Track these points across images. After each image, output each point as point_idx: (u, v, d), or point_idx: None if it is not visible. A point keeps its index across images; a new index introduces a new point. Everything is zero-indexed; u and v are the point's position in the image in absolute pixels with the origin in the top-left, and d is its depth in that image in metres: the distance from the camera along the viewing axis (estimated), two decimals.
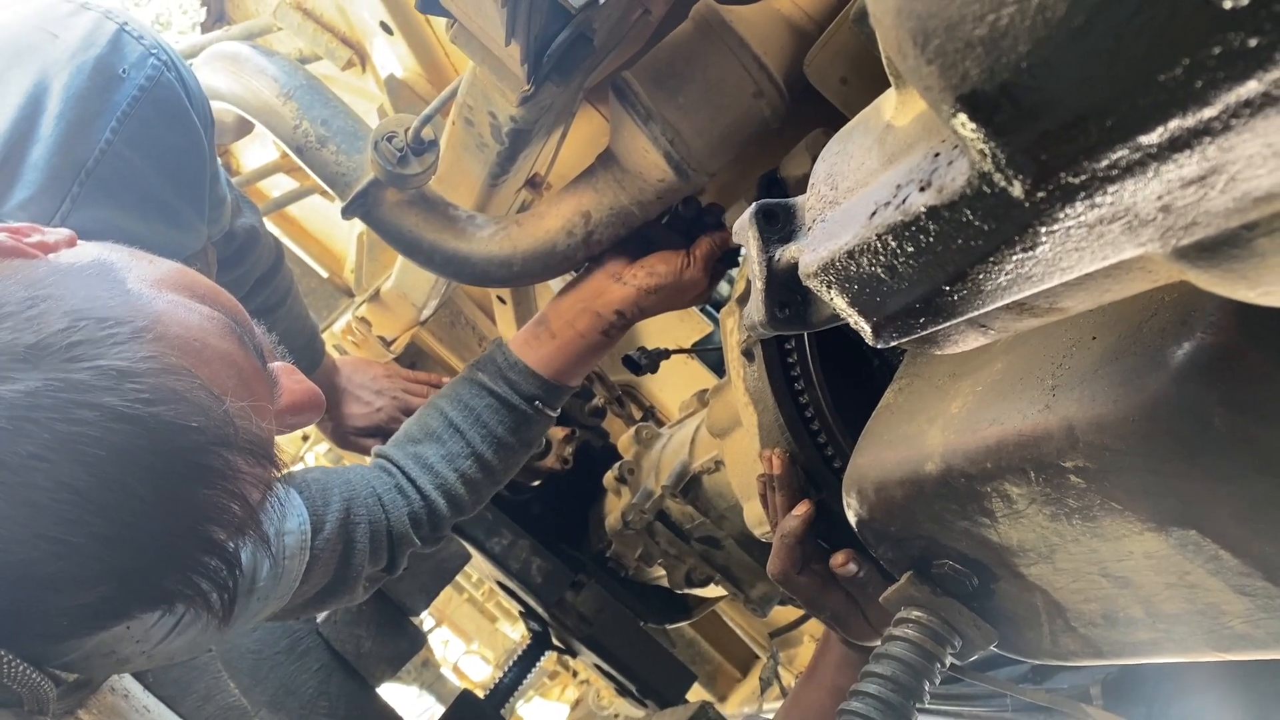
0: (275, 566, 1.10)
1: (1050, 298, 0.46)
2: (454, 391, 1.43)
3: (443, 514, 1.38)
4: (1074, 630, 0.78)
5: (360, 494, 1.31)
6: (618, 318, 1.42)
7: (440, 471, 1.38)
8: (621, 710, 2.89)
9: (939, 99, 0.38)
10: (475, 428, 1.39)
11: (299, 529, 1.16)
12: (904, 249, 0.47)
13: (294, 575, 1.13)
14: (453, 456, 1.38)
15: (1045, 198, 0.38)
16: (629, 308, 1.41)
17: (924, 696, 0.83)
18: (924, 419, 0.81)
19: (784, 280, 0.67)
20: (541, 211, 1.37)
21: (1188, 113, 0.32)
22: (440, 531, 1.40)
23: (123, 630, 0.93)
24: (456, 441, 1.39)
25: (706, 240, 1.41)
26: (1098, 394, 0.61)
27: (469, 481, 1.39)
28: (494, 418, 1.40)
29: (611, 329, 1.42)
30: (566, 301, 1.44)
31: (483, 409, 1.40)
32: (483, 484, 1.42)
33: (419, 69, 1.79)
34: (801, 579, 1.05)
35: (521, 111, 1.18)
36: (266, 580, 1.09)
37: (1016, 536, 0.73)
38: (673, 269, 1.40)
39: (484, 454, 1.39)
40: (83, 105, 0.99)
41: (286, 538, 1.13)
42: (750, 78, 1.21)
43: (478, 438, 1.39)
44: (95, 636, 0.84)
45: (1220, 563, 0.60)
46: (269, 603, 1.10)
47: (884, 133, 0.54)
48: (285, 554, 1.12)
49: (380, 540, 1.32)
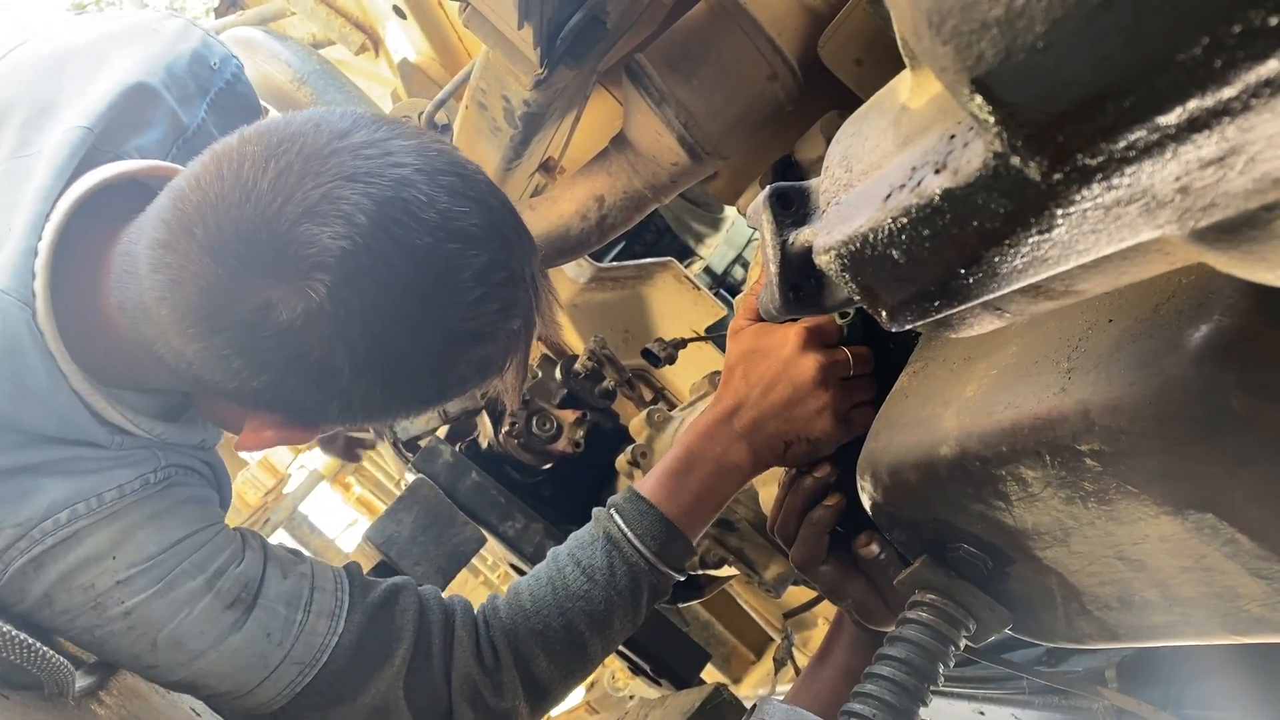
0: (293, 597, 1.09)
1: (1066, 280, 0.46)
2: None
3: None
4: (1089, 613, 0.78)
5: (427, 594, 1.22)
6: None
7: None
8: (637, 690, 2.91)
9: (954, 81, 0.38)
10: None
11: (335, 589, 1.14)
12: (919, 232, 0.47)
13: (319, 642, 1.10)
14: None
15: (1062, 180, 0.38)
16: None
17: (938, 679, 0.83)
18: (939, 402, 0.81)
19: (798, 264, 0.66)
20: (555, 195, 1.37)
21: (1207, 93, 0.32)
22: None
23: (109, 562, 1.00)
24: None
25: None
26: (1114, 377, 0.60)
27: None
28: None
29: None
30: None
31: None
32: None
33: (432, 53, 1.79)
34: (824, 568, 1.06)
35: (535, 95, 1.18)
36: (276, 602, 1.08)
37: (1031, 520, 0.72)
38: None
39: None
40: (185, 85, 1.15)
41: (317, 592, 1.11)
42: (764, 60, 1.20)
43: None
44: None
45: (1237, 546, 0.60)
46: (282, 648, 1.08)
47: (899, 115, 0.54)
48: (311, 605, 1.10)
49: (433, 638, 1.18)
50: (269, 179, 0.86)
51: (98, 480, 1.01)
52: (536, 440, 2.14)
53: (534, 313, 1.01)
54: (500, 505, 2.14)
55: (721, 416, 1.16)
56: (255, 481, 5.91)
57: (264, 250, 0.86)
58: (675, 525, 1.17)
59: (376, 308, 0.87)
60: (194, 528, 1.06)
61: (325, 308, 0.86)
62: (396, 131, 0.93)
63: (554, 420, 2.15)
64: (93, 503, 1.00)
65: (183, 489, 1.08)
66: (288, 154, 0.87)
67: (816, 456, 1.13)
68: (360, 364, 0.90)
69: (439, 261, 0.89)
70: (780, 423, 1.12)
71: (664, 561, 1.17)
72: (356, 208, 0.86)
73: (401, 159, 0.89)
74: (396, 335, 0.90)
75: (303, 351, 0.88)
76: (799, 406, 1.11)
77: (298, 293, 0.86)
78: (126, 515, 1.02)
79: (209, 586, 1.04)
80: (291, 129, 0.90)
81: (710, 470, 1.16)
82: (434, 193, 0.89)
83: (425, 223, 0.88)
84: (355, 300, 0.86)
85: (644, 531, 1.17)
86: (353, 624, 1.12)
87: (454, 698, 1.16)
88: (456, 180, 0.92)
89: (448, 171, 0.92)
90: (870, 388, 1.12)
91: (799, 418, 1.11)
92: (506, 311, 0.95)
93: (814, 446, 1.12)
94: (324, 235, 0.85)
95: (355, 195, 0.86)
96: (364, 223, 0.85)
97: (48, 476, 0.98)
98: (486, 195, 0.95)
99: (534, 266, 1.00)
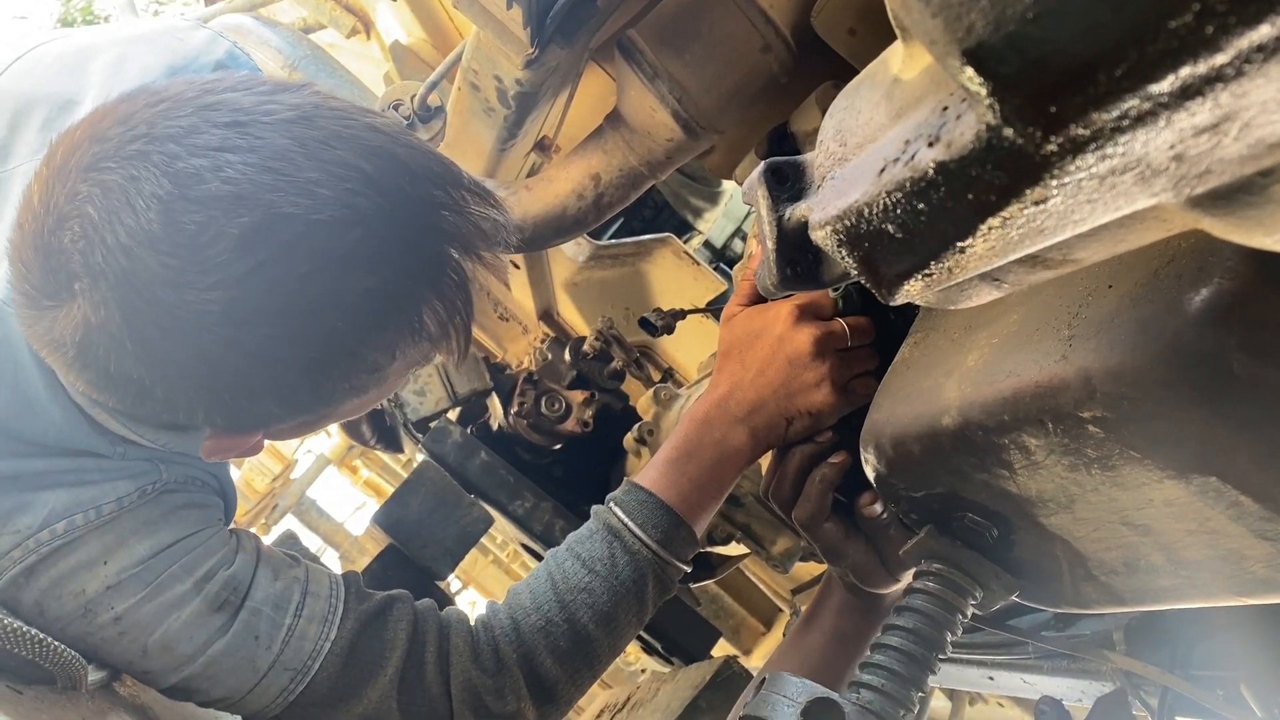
0: (283, 600, 1.08)
1: (1063, 250, 0.46)
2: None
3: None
4: (1095, 579, 0.78)
5: (422, 607, 1.20)
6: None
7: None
8: (649, 665, 2.93)
9: (945, 53, 0.37)
10: None
11: (329, 595, 1.12)
12: (914, 206, 0.47)
13: (310, 648, 1.08)
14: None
15: (1055, 150, 0.37)
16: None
17: (946, 648, 0.84)
18: (940, 373, 0.81)
19: (794, 239, 0.66)
20: (551, 175, 1.37)
21: (1199, 59, 0.32)
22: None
23: (100, 568, 1.00)
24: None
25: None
26: (1115, 343, 0.60)
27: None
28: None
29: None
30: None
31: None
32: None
33: (424, 34, 1.78)
34: (827, 525, 1.06)
35: (527, 75, 1.17)
36: (264, 605, 1.07)
37: (1036, 487, 0.72)
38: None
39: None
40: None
41: (309, 597, 1.10)
42: (757, 32, 1.19)
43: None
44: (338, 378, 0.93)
45: (1241, 509, 0.60)
46: (270, 651, 1.06)
47: (891, 86, 0.53)
48: (301, 609, 1.09)
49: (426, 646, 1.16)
50: (39, 196, 0.84)
51: (97, 492, 1.01)
52: (545, 421, 2.14)
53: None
54: (509, 484, 2.15)
55: (718, 401, 1.14)
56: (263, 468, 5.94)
57: (37, 275, 0.83)
58: (677, 513, 1.14)
59: (133, 306, 0.81)
60: (187, 532, 1.06)
61: (90, 317, 0.82)
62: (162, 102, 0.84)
63: (563, 401, 2.16)
64: (90, 514, 1.00)
65: (179, 495, 1.08)
66: (50, 161, 0.84)
67: (818, 429, 1.12)
68: (153, 366, 0.84)
69: (177, 236, 0.81)
70: (780, 400, 1.10)
71: (668, 550, 1.14)
72: (87, 201, 0.81)
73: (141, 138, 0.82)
74: (158, 331, 0.83)
75: (105, 366, 0.84)
76: (796, 381, 1.09)
77: (66, 309, 0.83)
78: (121, 524, 1.02)
79: (197, 590, 1.03)
80: (69, 133, 0.86)
81: (710, 457, 1.14)
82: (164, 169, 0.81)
83: (142, 208, 0.80)
84: (112, 299, 0.81)
85: (644, 520, 1.14)
86: (345, 630, 1.10)
87: (455, 706, 1.14)
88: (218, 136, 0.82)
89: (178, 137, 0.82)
90: (871, 357, 1.11)
91: (798, 392, 1.09)
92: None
93: (816, 420, 1.10)
94: (65, 239, 0.81)
95: (87, 188, 0.81)
96: (94, 216, 0.80)
97: (48, 489, 0.99)
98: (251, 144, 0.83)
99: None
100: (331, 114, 0.87)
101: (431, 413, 2.26)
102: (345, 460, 5.66)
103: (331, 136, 0.85)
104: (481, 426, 2.31)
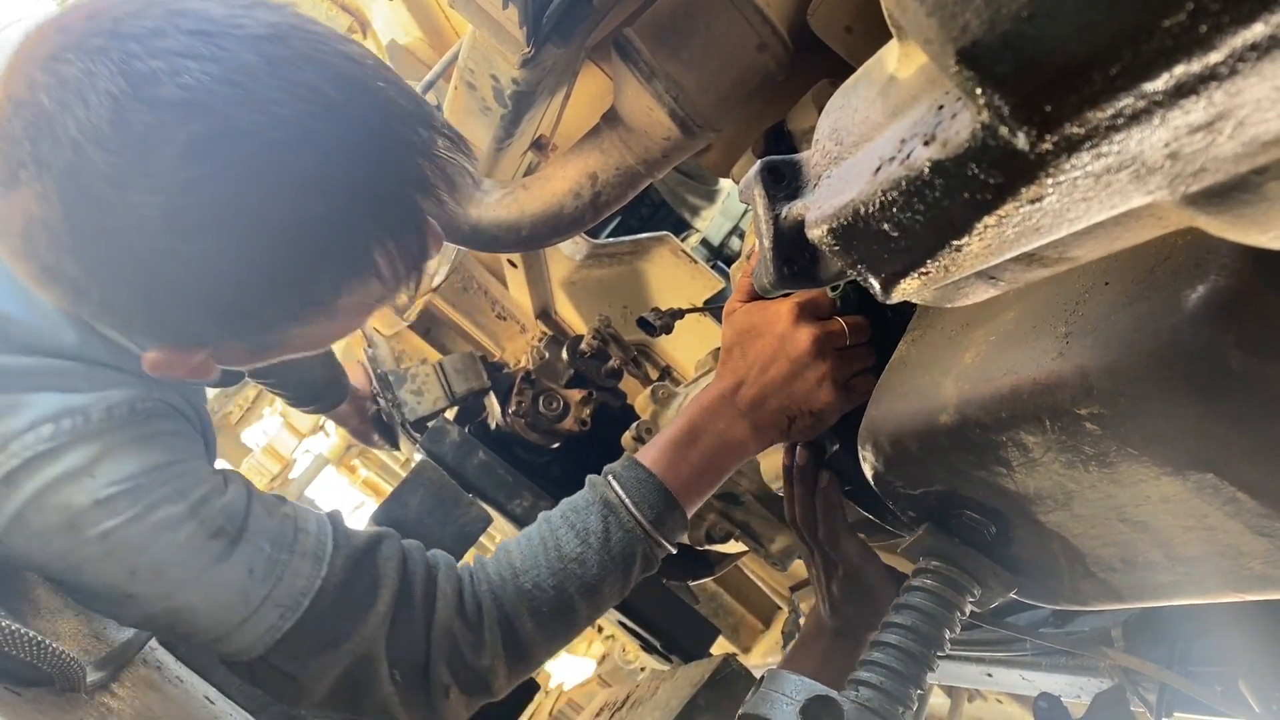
0: (278, 535, 1.05)
1: (1059, 248, 0.46)
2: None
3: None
4: (1093, 575, 0.78)
5: (410, 546, 1.17)
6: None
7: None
8: (648, 664, 2.93)
9: (940, 52, 0.38)
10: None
11: (318, 532, 1.09)
12: (909, 204, 0.47)
13: (302, 585, 1.05)
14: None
15: (1050, 149, 0.37)
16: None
17: (945, 645, 0.84)
18: (938, 370, 0.81)
19: (791, 238, 0.66)
20: (548, 174, 1.37)
21: (1193, 58, 0.32)
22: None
23: (87, 480, 0.96)
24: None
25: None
26: (1112, 340, 0.60)
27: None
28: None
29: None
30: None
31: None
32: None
33: (420, 34, 1.78)
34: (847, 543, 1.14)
35: (523, 74, 1.17)
36: (261, 539, 1.03)
37: (1033, 485, 0.73)
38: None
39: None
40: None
41: (300, 534, 1.07)
42: (753, 30, 1.19)
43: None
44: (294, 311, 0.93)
45: (1238, 505, 0.60)
46: (264, 586, 1.02)
47: (887, 85, 0.53)
48: (295, 546, 1.05)
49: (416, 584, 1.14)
50: (1, 82, 0.84)
51: (87, 399, 0.97)
52: (543, 420, 2.14)
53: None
54: (507, 484, 2.15)
55: (724, 393, 1.15)
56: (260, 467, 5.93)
57: None
58: (673, 496, 1.15)
59: (75, 201, 0.81)
60: (177, 457, 1.02)
61: (33, 208, 0.82)
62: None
63: (561, 400, 2.16)
64: (79, 419, 0.96)
65: (167, 421, 1.04)
66: (18, 49, 0.84)
67: (820, 428, 1.14)
68: (91, 265, 0.85)
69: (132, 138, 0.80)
70: (781, 398, 1.12)
71: (659, 531, 1.15)
72: (43, 90, 0.80)
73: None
74: (96, 229, 0.83)
75: (44, 259, 0.85)
76: (798, 380, 1.11)
77: (12, 197, 0.83)
78: (109, 435, 0.97)
79: (192, 513, 0.99)
80: (40, 24, 0.86)
81: (712, 445, 1.15)
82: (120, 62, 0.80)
83: (94, 104, 0.79)
84: (54, 192, 0.81)
85: (641, 499, 1.14)
86: (336, 568, 1.07)
87: (432, 651, 1.11)
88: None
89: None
90: (869, 355, 1.13)
91: (799, 391, 1.11)
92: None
93: (817, 418, 1.12)
94: (17, 127, 0.81)
95: (44, 77, 0.80)
96: (46, 106, 0.80)
97: (37, 390, 0.95)
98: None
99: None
100: (306, 35, 0.86)
101: (429, 412, 2.26)
102: (344, 460, 5.65)
103: (301, 58, 0.84)
104: (479, 425, 2.30)
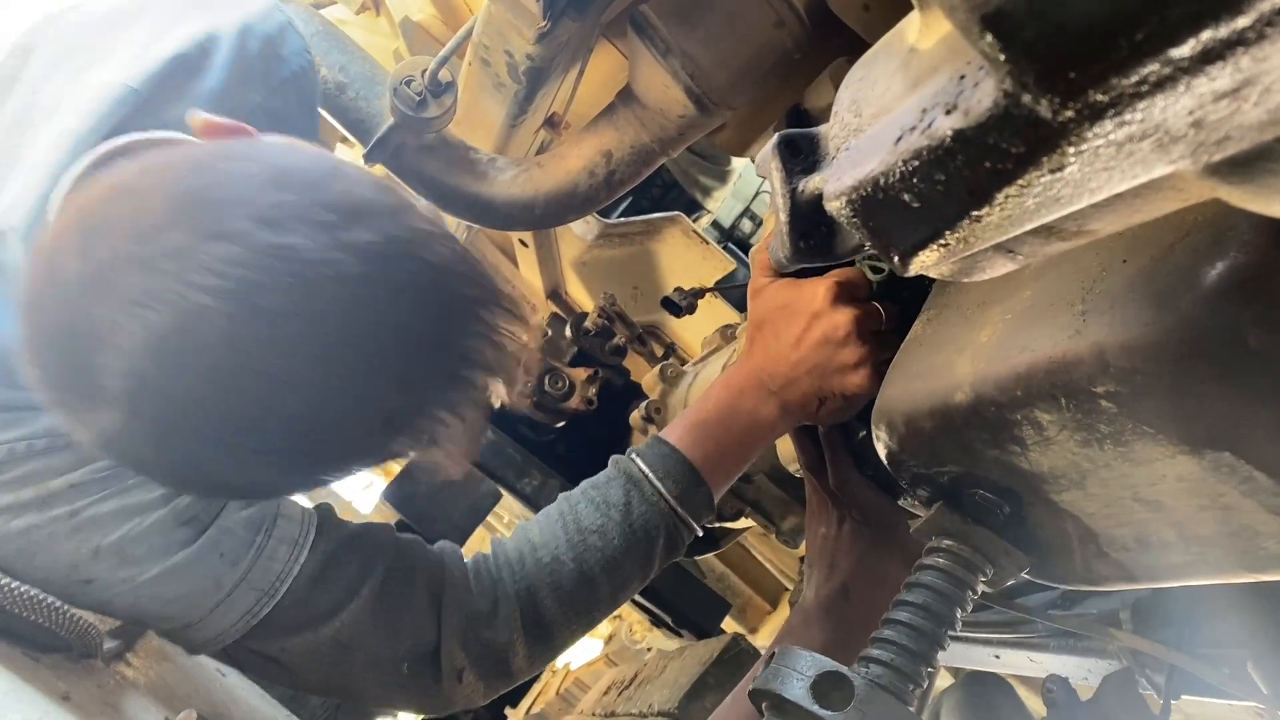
0: (254, 521, 1.04)
1: (1079, 220, 0.46)
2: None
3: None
4: (1106, 555, 0.78)
5: (408, 538, 1.16)
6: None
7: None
8: (654, 643, 2.94)
9: (964, 20, 0.37)
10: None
11: (301, 519, 1.08)
12: (930, 174, 0.47)
13: (279, 568, 1.04)
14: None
15: (1074, 117, 0.37)
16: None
17: (956, 624, 0.84)
18: (953, 349, 0.80)
19: (808, 211, 0.66)
20: (562, 152, 1.37)
21: (1220, 23, 0.31)
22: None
23: (71, 471, 0.97)
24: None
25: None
26: (1129, 317, 0.60)
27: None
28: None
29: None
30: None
31: None
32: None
33: (434, 10, 1.77)
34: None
35: (538, 49, 1.17)
36: (235, 525, 1.02)
37: (1048, 464, 0.72)
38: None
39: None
40: (247, 66, 1.12)
41: (281, 520, 1.06)
42: (771, 7, 1.18)
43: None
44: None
45: (1254, 484, 0.60)
46: (236, 569, 1.01)
47: (908, 56, 0.53)
48: (273, 530, 1.05)
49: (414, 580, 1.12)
50: (71, 279, 0.77)
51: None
52: (549, 398, 2.15)
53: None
54: (516, 462, 2.16)
55: (752, 371, 1.12)
56: None
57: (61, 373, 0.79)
58: (699, 472, 1.11)
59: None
60: None
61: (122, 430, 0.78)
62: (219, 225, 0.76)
63: (566, 378, 2.16)
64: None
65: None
66: (97, 250, 0.77)
67: (850, 413, 1.12)
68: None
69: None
70: (814, 379, 1.09)
71: (684, 507, 1.12)
72: (132, 338, 0.74)
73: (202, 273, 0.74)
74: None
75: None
76: (833, 361, 1.08)
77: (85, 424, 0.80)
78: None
79: (165, 500, 0.99)
80: (106, 210, 0.79)
81: (742, 425, 1.12)
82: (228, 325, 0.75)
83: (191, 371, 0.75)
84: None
85: (665, 474, 1.11)
86: (317, 554, 1.06)
87: (443, 630, 1.09)
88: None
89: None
90: (899, 342, 1.11)
91: (833, 373, 1.08)
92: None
93: (847, 402, 1.09)
94: (97, 360, 0.75)
95: (129, 324, 0.74)
96: (141, 364, 0.75)
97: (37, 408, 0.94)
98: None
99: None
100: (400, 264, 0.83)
101: None
102: None
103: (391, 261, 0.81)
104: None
